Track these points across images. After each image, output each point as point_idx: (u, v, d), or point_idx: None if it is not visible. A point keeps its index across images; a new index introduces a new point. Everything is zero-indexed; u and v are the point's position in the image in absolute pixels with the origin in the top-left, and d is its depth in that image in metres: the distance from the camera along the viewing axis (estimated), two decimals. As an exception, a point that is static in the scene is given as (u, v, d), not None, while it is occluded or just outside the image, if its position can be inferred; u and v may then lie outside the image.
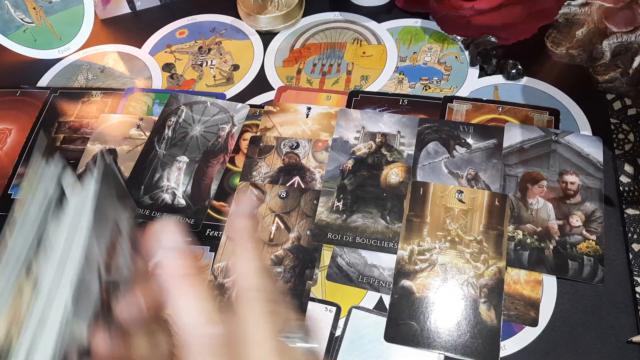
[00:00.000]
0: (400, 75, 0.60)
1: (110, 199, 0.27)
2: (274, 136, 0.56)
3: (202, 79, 0.63)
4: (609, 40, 0.52)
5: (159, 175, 0.54)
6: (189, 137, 0.56)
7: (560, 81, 0.57)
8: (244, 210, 0.28)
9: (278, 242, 0.49)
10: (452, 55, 0.61)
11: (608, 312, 0.44)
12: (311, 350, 0.26)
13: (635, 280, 0.44)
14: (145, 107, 0.60)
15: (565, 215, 0.47)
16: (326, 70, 0.62)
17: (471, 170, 0.51)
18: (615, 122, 0.53)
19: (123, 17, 0.71)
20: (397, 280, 0.45)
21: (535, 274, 0.45)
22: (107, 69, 0.66)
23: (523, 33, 0.56)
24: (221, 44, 0.66)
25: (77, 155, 0.56)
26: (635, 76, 0.52)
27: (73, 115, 0.60)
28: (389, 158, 0.52)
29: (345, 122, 0.55)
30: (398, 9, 0.66)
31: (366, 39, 0.64)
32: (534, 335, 0.43)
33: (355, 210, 0.49)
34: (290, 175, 0.53)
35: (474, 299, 0.44)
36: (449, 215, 0.48)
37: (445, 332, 0.43)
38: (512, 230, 0.47)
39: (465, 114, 0.55)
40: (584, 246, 0.46)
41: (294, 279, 0.47)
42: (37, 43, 0.66)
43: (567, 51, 0.57)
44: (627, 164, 0.51)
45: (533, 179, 0.49)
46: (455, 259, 0.46)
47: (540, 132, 0.52)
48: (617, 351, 0.42)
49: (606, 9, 0.51)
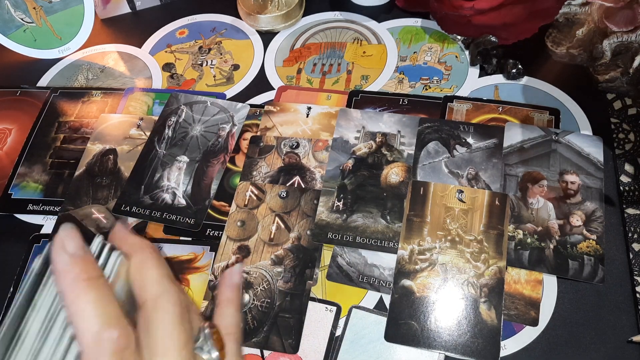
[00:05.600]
0: (400, 75, 0.60)
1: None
2: (274, 136, 0.56)
3: (202, 78, 0.63)
4: (609, 40, 0.52)
5: (159, 175, 0.54)
6: (189, 136, 0.56)
7: (560, 81, 0.57)
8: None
9: (278, 242, 0.49)
10: (453, 55, 0.61)
11: (608, 312, 0.44)
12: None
13: (635, 280, 0.44)
14: (146, 106, 0.60)
15: (565, 214, 0.47)
16: (326, 70, 0.62)
17: (471, 169, 0.51)
18: (616, 121, 0.53)
19: (123, 16, 0.71)
20: (398, 280, 0.45)
21: (536, 274, 0.45)
22: (107, 68, 0.66)
23: (523, 33, 0.56)
24: (221, 43, 0.66)
25: (77, 155, 0.56)
26: (635, 76, 0.52)
27: (73, 115, 0.60)
28: (389, 158, 0.52)
29: (346, 121, 0.55)
30: (398, 8, 0.66)
31: (366, 38, 0.64)
32: (534, 334, 0.43)
33: (355, 210, 0.49)
34: (291, 175, 0.53)
35: (474, 298, 0.44)
36: (449, 215, 0.48)
37: (446, 332, 0.43)
38: (512, 230, 0.47)
39: (465, 113, 0.55)
40: (584, 246, 0.46)
41: (294, 278, 0.47)
42: (37, 43, 0.66)
43: (568, 51, 0.57)
44: (627, 163, 0.51)
45: (533, 178, 0.49)
46: (455, 259, 0.46)
47: (540, 132, 0.52)
48: (617, 351, 0.42)
49: (606, 9, 0.51)
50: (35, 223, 0.53)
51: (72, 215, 0.52)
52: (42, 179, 0.55)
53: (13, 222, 0.53)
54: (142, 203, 0.52)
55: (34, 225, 0.53)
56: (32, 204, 0.53)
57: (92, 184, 0.54)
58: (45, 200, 0.53)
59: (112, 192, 0.53)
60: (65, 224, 0.26)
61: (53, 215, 0.53)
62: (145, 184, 0.53)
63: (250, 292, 0.46)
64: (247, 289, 0.46)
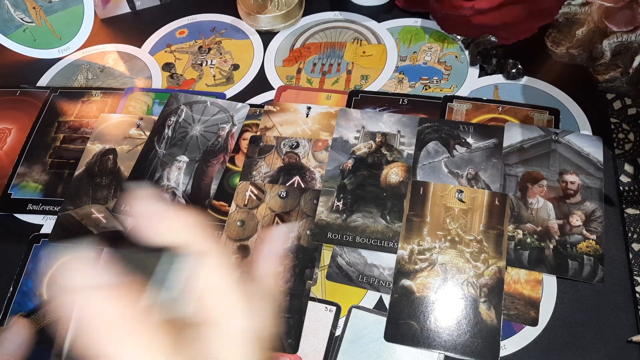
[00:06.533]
0: (400, 75, 0.60)
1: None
2: (274, 136, 0.56)
3: (202, 78, 0.63)
4: (609, 40, 0.52)
5: (159, 175, 0.54)
6: (189, 136, 0.56)
7: (560, 81, 0.57)
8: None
9: (278, 241, 0.49)
10: (452, 55, 0.61)
11: (608, 312, 0.44)
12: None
13: (635, 280, 0.44)
14: (145, 106, 0.60)
15: (565, 214, 0.47)
16: (326, 69, 0.62)
17: (471, 169, 0.51)
18: (616, 121, 0.53)
19: (123, 16, 0.71)
20: (397, 280, 0.45)
21: (535, 274, 0.45)
22: (107, 68, 0.66)
23: (523, 33, 0.56)
24: (221, 43, 0.66)
25: (77, 155, 0.56)
26: (635, 76, 0.52)
27: (73, 114, 0.60)
28: (389, 158, 0.52)
29: (345, 121, 0.55)
30: (398, 8, 0.66)
31: (366, 38, 0.64)
32: (534, 334, 0.43)
33: (355, 209, 0.49)
34: (290, 175, 0.53)
35: (474, 298, 0.44)
36: (449, 215, 0.48)
37: (445, 332, 0.43)
38: (512, 230, 0.47)
39: (465, 113, 0.55)
40: (584, 246, 0.46)
41: (294, 278, 0.47)
42: (37, 43, 0.66)
43: (567, 51, 0.57)
44: (627, 163, 0.51)
45: (533, 178, 0.49)
46: (455, 259, 0.46)
47: (540, 132, 0.52)
48: (617, 351, 0.42)
49: (606, 9, 0.51)
50: (35, 223, 0.53)
51: (72, 216, 0.52)
52: (42, 178, 0.55)
53: (13, 222, 0.53)
54: (142, 203, 0.52)
55: (33, 225, 0.53)
56: (32, 204, 0.53)
57: (91, 183, 0.54)
58: (45, 200, 0.53)
59: (112, 192, 0.53)
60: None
61: (53, 215, 0.53)
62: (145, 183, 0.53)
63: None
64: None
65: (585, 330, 0.43)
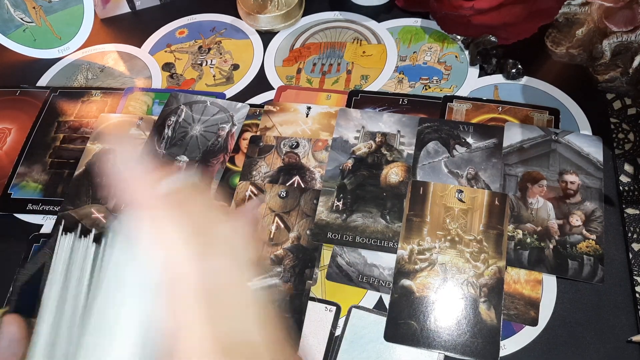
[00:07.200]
0: (400, 75, 0.60)
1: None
2: (273, 136, 0.56)
3: (202, 78, 0.63)
4: (609, 40, 0.52)
5: (159, 175, 0.54)
6: (188, 136, 0.56)
7: (560, 81, 0.57)
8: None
9: (278, 241, 0.49)
10: (452, 55, 0.61)
11: (608, 312, 0.44)
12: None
13: (635, 280, 0.44)
14: (145, 106, 0.60)
15: (565, 214, 0.47)
16: (326, 69, 0.62)
17: (471, 169, 0.51)
18: (615, 121, 0.53)
19: (123, 16, 0.71)
20: (397, 280, 0.45)
21: (535, 274, 0.45)
22: (107, 68, 0.66)
23: (523, 32, 0.56)
24: (221, 43, 0.66)
25: (77, 154, 0.56)
26: (635, 76, 0.52)
27: (73, 114, 0.60)
28: (388, 157, 0.52)
29: (345, 121, 0.55)
30: (398, 8, 0.66)
31: (366, 38, 0.64)
32: (534, 334, 0.43)
33: (355, 209, 0.49)
34: (290, 175, 0.53)
35: (473, 298, 0.44)
36: (448, 215, 0.48)
37: (445, 332, 0.43)
38: (512, 230, 0.47)
39: (465, 113, 0.55)
40: (584, 246, 0.46)
41: (293, 278, 0.47)
42: (37, 42, 0.66)
43: (567, 51, 0.57)
44: (627, 163, 0.51)
45: (533, 178, 0.49)
46: (455, 259, 0.46)
47: (540, 132, 0.52)
48: (617, 351, 0.42)
49: (606, 9, 0.51)
50: (34, 223, 0.53)
51: (72, 216, 0.52)
52: (42, 178, 0.55)
53: (13, 222, 0.53)
54: (142, 203, 0.52)
55: (33, 225, 0.53)
56: (32, 204, 0.53)
57: (91, 183, 0.54)
58: (45, 199, 0.53)
59: (112, 191, 0.53)
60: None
61: (52, 215, 0.53)
62: (144, 183, 0.53)
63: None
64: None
65: (585, 330, 0.43)
